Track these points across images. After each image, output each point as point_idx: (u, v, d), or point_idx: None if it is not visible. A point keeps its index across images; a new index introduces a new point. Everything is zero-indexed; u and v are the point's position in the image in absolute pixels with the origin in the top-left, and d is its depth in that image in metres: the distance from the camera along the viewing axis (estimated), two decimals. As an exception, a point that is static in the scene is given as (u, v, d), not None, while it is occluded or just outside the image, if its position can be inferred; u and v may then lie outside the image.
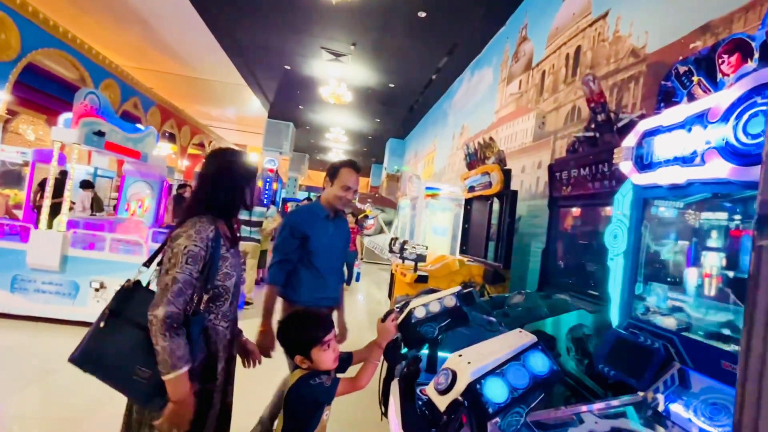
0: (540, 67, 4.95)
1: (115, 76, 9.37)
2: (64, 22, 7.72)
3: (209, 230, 1.26)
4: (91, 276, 3.55)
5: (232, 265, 1.33)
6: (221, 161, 1.40)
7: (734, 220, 1.33)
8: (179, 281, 1.18)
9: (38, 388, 2.70)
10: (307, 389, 1.23)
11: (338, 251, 2.15)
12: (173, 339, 1.15)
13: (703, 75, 1.46)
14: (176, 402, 1.16)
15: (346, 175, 2.05)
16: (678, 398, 1.24)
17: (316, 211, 2.08)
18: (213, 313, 1.30)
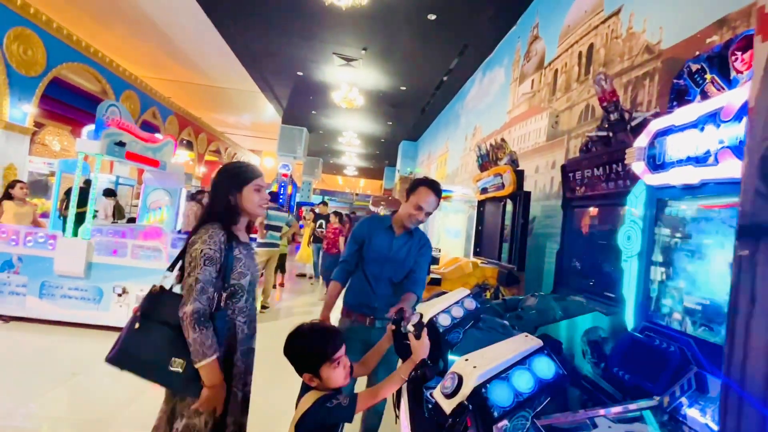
0: (552, 66, 4.89)
1: (134, 87, 9.68)
2: (87, 36, 8.04)
3: (220, 235, 1.42)
4: (114, 282, 3.68)
5: (245, 265, 1.48)
6: (216, 175, 1.58)
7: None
8: (201, 281, 1.34)
9: (65, 390, 2.81)
10: (325, 413, 1.15)
11: (394, 265, 2.04)
12: (202, 331, 1.30)
13: (716, 73, 1.43)
14: (210, 387, 1.32)
15: (422, 195, 2.00)
16: (695, 403, 1.21)
17: (382, 222, 2.11)
18: (230, 308, 1.46)
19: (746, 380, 0.29)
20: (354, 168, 22.13)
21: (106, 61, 8.62)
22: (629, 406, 1.30)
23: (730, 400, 0.32)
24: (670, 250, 1.56)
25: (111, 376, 3.04)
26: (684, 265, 1.51)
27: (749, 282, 0.30)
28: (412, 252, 2.09)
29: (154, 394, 2.77)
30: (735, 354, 0.30)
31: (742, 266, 0.31)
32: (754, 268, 0.30)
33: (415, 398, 0.95)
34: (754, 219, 0.29)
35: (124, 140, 3.85)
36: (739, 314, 0.30)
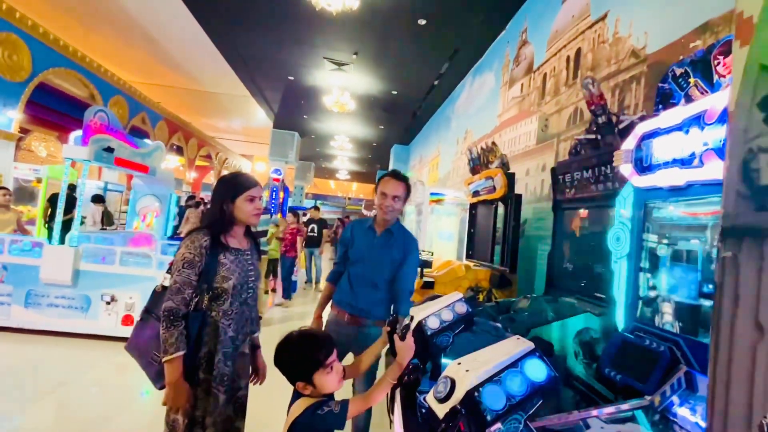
0: (541, 70, 4.96)
1: (123, 93, 9.58)
2: (73, 41, 7.94)
3: (203, 240, 1.51)
4: (102, 289, 3.61)
5: (229, 269, 1.53)
6: (215, 185, 1.69)
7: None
8: (177, 282, 1.44)
9: (52, 401, 2.75)
10: (317, 420, 1.15)
11: (373, 264, 2.07)
12: (169, 329, 1.40)
13: (700, 76, 1.47)
14: (168, 384, 1.41)
15: (383, 183, 2.12)
16: (685, 402, 1.23)
17: (364, 223, 2.19)
18: (214, 311, 1.52)
19: (732, 380, 0.30)
20: (346, 172, 22.13)
21: (94, 66, 8.52)
22: (621, 406, 1.31)
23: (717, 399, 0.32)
24: (657, 251, 1.58)
25: (99, 386, 2.99)
26: (672, 265, 1.53)
27: (733, 283, 0.30)
28: (393, 252, 2.08)
29: (143, 405, 2.73)
30: (720, 354, 0.31)
31: (726, 267, 0.31)
32: (737, 269, 0.30)
33: (408, 403, 0.95)
34: (736, 221, 0.30)
35: (112, 146, 3.79)
36: (723, 315, 0.30)
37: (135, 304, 3.64)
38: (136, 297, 3.66)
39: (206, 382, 1.48)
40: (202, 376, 1.48)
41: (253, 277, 1.64)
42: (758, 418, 0.28)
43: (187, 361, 1.43)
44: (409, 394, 0.97)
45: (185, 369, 1.42)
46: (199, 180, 17.71)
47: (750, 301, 0.28)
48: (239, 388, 1.56)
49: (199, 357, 1.48)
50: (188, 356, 1.44)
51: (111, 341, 3.61)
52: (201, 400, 1.46)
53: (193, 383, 1.46)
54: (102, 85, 8.78)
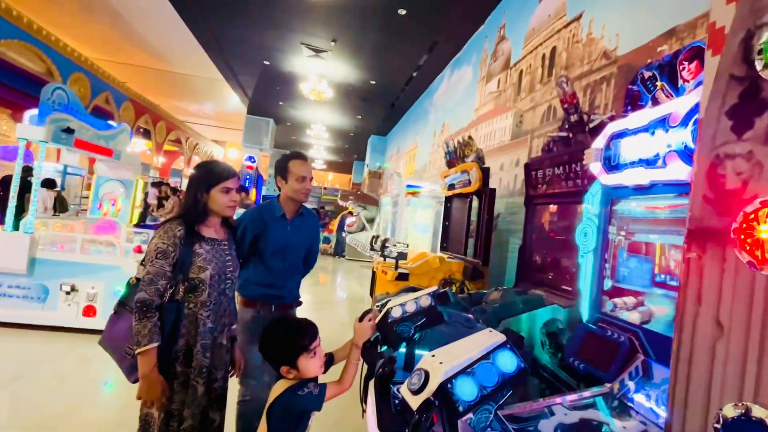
0: (517, 66, 5.04)
1: (84, 70, 9.00)
2: (30, 12, 7.37)
3: (177, 230, 1.48)
4: (61, 279, 3.43)
5: (205, 260, 1.51)
6: (191, 173, 1.66)
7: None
8: (150, 273, 1.42)
9: (6, 395, 2.60)
10: (295, 400, 1.21)
11: (294, 250, 2.06)
12: (140, 321, 1.37)
13: (666, 80, 1.53)
14: (142, 377, 1.38)
15: (296, 167, 2.00)
16: (641, 388, 1.30)
17: (272, 211, 2.02)
18: (192, 302, 1.49)
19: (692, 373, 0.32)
20: (322, 161, 21.84)
21: (52, 39, 7.93)
22: (583, 393, 1.38)
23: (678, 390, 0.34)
24: (620, 245, 1.66)
25: (57, 380, 2.85)
26: (634, 259, 1.61)
27: (696, 282, 0.32)
28: (307, 235, 2.12)
29: (102, 400, 2.63)
30: (682, 349, 0.32)
31: (690, 268, 0.33)
32: (701, 270, 0.32)
33: (381, 394, 0.97)
34: (702, 223, 0.32)
35: (72, 126, 3.57)
36: (686, 312, 0.32)
37: (98, 294, 3.48)
38: (99, 287, 3.50)
39: (183, 375, 1.46)
40: (179, 369, 1.46)
41: (231, 268, 1.62)
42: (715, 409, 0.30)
43: (163, 354, 1.41)
44: (383, 385, 0.98)
45: (160, 362, 1.40)
46: (167, 165, 17.00)
47: (712, 300, 0.30)
48: (215, 380, 1.55)
49: (176, 349, 1.46)
50: (164, 348, 1.41)
51: (71, 333, 3.44)
52: (178, 393, 1.44)
53: (169, 376, 1.44)
54: (61, 60, 8.20)
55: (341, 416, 2.56)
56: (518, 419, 1.24)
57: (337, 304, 6.21)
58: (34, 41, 7.46)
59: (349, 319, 5.35)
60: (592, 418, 1.24)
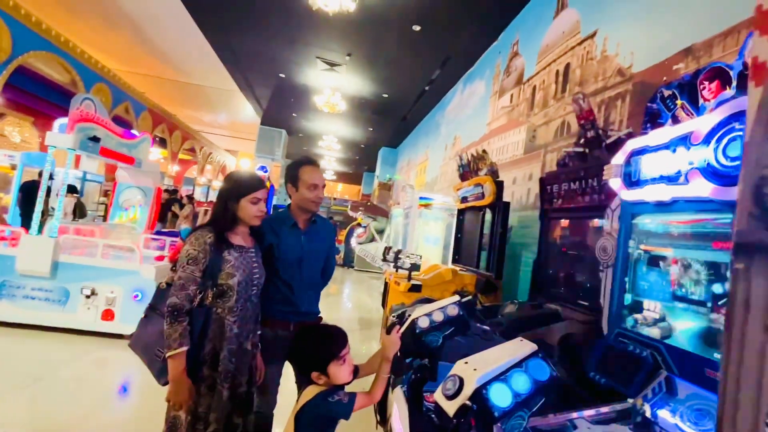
0: (531, 82, 5.10)
1: (106, 80, 9.30)
2: (57, 25, 7.67)
3: (207, 236, 1.53)
4: (82, 282, 3.51)
5: (234, 266, 1.55)
6: (223, 182, 1.70)
7: (715, 233, 1.41)
8: (182, 279, 1.46)
9: (26, 396, 2.65)
10: (325, 407, 1.23)
11: (313, 263, 1.93)
12: (172, 325, 1.41)
13: (686, 99, 1.56)
14: (171, 380, 1.41)
15: (307, 174, 1.87)
16: (665, 404, 1.30)
17: (283, 221, 1.91)
18: (220, 307, 1.53)
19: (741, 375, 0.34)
20: (332, 172, 22.04)
21: (77, 51, 8.24)
22: (606, 407, 1.38)
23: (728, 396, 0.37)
24: (642, 261, 1.67)
25: (77, 381, 2.90)
26: (656, 275, 1.62)
27: (744, 292, 0.35)
28: (323, 244, 1.99)
29: (119, 404, 2.67)
30: (732, 354, 0.35)
31: (739, 278, 0.36)
32: (749, 280, 0.35)
33: (414, 402, 0.98)
34: (748, 237, 0.35)
35: (98, 135, 3.70)
36: (735, 319, 0.35)
37: (116, 298, 3.55)
38: (118, 291, 3.57)
39: (210, 379, 1.49)
40: (206, 373, 1.48)
41: (258, 275, 1.65)
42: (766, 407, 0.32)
43: (191, 357, 1.43)
44: (416, 392, 1.00)
45: (188, 365, 1.42)
46: (181, 174, 17.32)
47: (760, 307, 0.33)
48: (240, 385, 1.57)
49: (204, 353, 1.48)
50: (192, 352, 1.44)
51: (90, 336, 3.50)
52: (204, 396, 1.47)
53: (197, 380, 1.46)
54: (85, 71, 8.50)
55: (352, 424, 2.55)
56: (540, 431, 1.25)
57: (348, 315, 6.21)
58: (61, 53, 7.75)
59: (360, 328, 5.34)
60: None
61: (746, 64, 1.31)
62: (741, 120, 1.19)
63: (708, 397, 1.22)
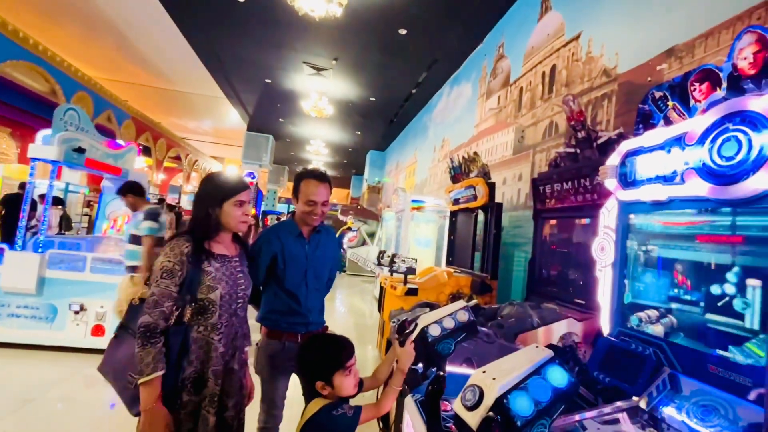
0: (517, 83, 5.17)
1: (87, 89, 9.08)
2: (35, 33, 7.48)
3: (184, 247, 1.36)
4: (70, 298, 3.41)
5: (215, 278, 1.39)
6: (199, 186, 1.52)
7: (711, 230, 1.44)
8: (155, 294, 1.30)
9: (16, 420, 2.56)
10: (329, 421, 1.20)
11: (319, 272, 1.90)
12: (144, 347, 1.25)
13: (677, 100, 1.60)
14: (143, 410, 1.25)
15: (308, 188, 1.80)
16: (671, 401, 1.32)
17: (289, 230, 1.86)
18: (202, 325, 1.37)
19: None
20: (320, 176, 21.93)
21: (57, 60, 8.03)
22: (612, 406, 1.40)
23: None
24: (641, 260, 1.70)
25: (68, 402, 2.81)
26: (654, 273, 1.65)
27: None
28: (327, 252, 1.96)
29: (113, 423, 2.59)
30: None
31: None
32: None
33: (432, 413, 0.98)
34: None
35: (83, 146, 3.60)
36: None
37: (106, 313, 3.46)
38: (108, 306, 3.48)
39: (192, 404, 1.33)
40: (186, 399, 1.33)
41: (243, 286, 1.50)
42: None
43: (168, 383, 1.28)
44: (433, 403, 0.99)
45: (165, 391, 1.27)
46: (166, 182, 17.02)
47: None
48: (226, 408, 1.41)
49: (183, 378, 1.32)
50: (169, 377, 1.28)
51: (80, 353, 3.40)
52: (184, 422, 1.32)
53: (175, 407, 1.31)
54: (65, 80, 8.29)
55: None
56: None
57: (342, 320, 6.17)
58: (40, 62, 7.55)
59: (356, 334, 5.31)
60: (626, 431, 1.25)
61: (735, 66, 1.35)
62: (734, 120, 1.23)
63: (712, 393, 1.25)
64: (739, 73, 1.34)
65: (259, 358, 1.79)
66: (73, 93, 8.61)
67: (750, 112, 1.18)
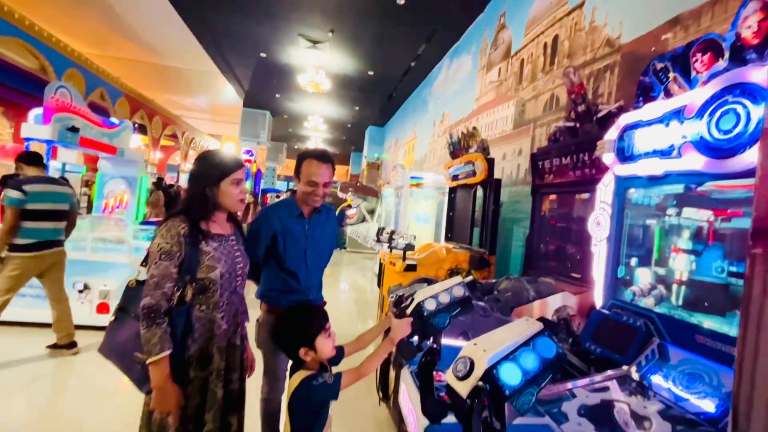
0: (519, 55, 5.04)
1: (78, 66, 8.88)
2: (21, 8, 7.23)
3: (180, 227, 1.36)
4: (74, 277, 3.45)
5: (214, 258, 1.41)
6: (194, 165, 1.51)
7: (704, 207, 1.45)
8: (155, 276, 1.31)
9: (29, 393, 2.65)
10: (312, 391, 1.24)
11: (314, 251, 1.89)
12: (149, 328, 1.28)
13: (679, 72, 1.57)
14: (155, 387, 1.30)
15: (309, 168, 1.78)
16: (658, 370, 1.37)
17: (290, 210, 1.85)
18: (204, 304, 1.40)
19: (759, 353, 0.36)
20: (319, 153, 21.73)
21: (44, 35, 7.80)
22: (603, 375, 1.44)
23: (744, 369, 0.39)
24: (635, 234, 1.71)
25: (78, 377, 2.90)
26: (647, 247, 1.67)
27: (762, 275, 0.36)
28: (328, 231, 1.97)
29: (125, 396, 2.68)
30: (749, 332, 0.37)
31: (756, 262, 0.37)
32: (766, 264, 0.36)
33: (425, 383, 1.01)
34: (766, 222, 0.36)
35: (76, 125, 3.56)
36: (752, 302, 0.37)
37: (110, 291, 3.51)
38: (111, 284, 3.53)
39: (199, 380, 1.38)
40: (193, 375, 1.37)
41: (241, 264, 1.52)
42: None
43: (175, 360, 1.32)
44: (426, 374, 1.03)
45: (172, 368, 1.31)
46: (164, 161, 16.90)
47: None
48: (231, 382, 1.47)
49: (189, 355, 1.36)
50: (175, 355, 1.32)
51: (87, 330, 3.48)
52: (192, 397, 1.37)
53: (183, 382, 1.35)
54: (55, 56, 8.08)
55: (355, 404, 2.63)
56: (542, 402, 1.30)
57: (344, 296, 6.28)
58: (27, 37, 7.35)
59: (357, 310, 5.42)
60: (614, 398, 1.30)
61: (739, 36, 1.32)
62: (734, 92, 1.21)
63: (698, 361, 1.29)
64: (742, 42, 1.31)
65: (261, 334, 1.84)
66: (64, 70, 8.42)
67: (750, 83, 1.15)
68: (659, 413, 1.19)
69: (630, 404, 1.24)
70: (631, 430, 1.13)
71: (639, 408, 1.22)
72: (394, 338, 1.29)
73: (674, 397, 1.25)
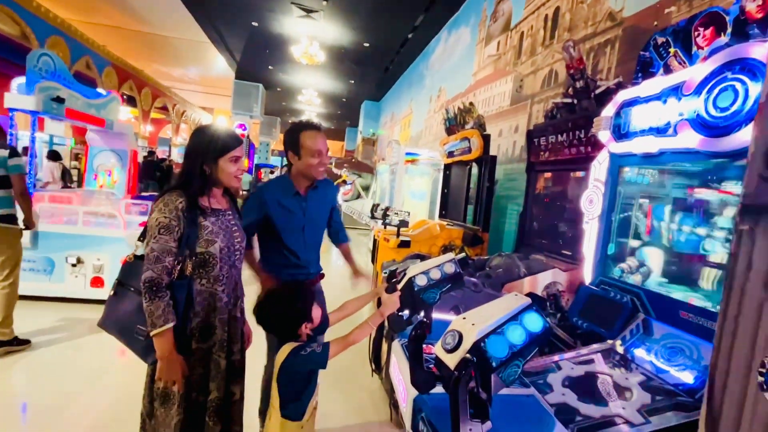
0: (518, 28, 4.90)
1: (62, 33, 8.50)
2: (-4, -32, 6.84)
3: (178, 202, 1.37)
4: (66, 251, 3.44)
5: (213, 232, 1.42)
6: (191, 141, 1.50)
7: (693, 185, 1.45)
8: (155, 250, 1.33)
9: (27, 363, 2.69)
10: (301, 360, 1.27)
11: (312, 227, 1.92)
12: (153, 301, 1.30)
13: (680, 47, 1.53)
14: (160, 358, 1.34)
15: (312, 140, 1.77)
16: (642, 344, 1.41)
17: (285, 189, 1.85)
18: (204, 278, 1.42)
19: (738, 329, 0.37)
20: (314, 128, 21.37)
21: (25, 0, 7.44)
22: (588, 348, 1.49)
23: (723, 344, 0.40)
24: (627, 212, 1.72)
25: (74, 349, 2.94)
26: (637, 225, 1.68)
27: (748, 252, 0.37)
28: (326, 205, 1.99)
29: (121, 367, 2.73)
30: (730, 307, 0.37)
31: (743, 238, 0.37)
32: (752, 241, 0.36)
33: (415, 355, 1.04)
34: (756, 200, 0.36)
35: (61, 95, 3.44)
36: (737, 277, 0.37)
37: (104, 265, 3.51)
38: (105, 258, 3.53)
39: (201, 351, 1.43)
40: (195, 346, 1.41)
41: (239, 239, 1.54)
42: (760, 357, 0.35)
43: (177, 333, 1.36)
44: (416, 346, 1.05)
45: (176, 341, 1.35)
46: (155, 134, 16.54)
47: (762, 266, 0.35)
48: (232, 353, 1.52)
49: (191, 327, 1.40)
50: (178, 327, 1.35)
51: (81, 303, 3.50)
52: (195, 367, 1.41)
53: (186, 353, 1.39)
54: (36, 22, 7.71)
55: (349, 375, 2.70)
56: (528, 373, 1.35)
57: (338, 271, 6.33)
58: (7, 1, 6.99)
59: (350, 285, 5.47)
60: (597, 371, 1.34)
61: (743, 9, 1.28)
62: (734, 69, 1.19)
63: (681, 336, 1.33)
64: (746, 16, 1.28)
65: None
66: (47, 37, 8.06)
67: (750, 59, 1.13)
68: (640, 384, 1.23)
69: (612, 376, 1.28)
70: (613, 399, 1.17)
71: (621, 379, 1.27)
72: (384, 312, 1.32)
73: (655, 369, 1.30)
